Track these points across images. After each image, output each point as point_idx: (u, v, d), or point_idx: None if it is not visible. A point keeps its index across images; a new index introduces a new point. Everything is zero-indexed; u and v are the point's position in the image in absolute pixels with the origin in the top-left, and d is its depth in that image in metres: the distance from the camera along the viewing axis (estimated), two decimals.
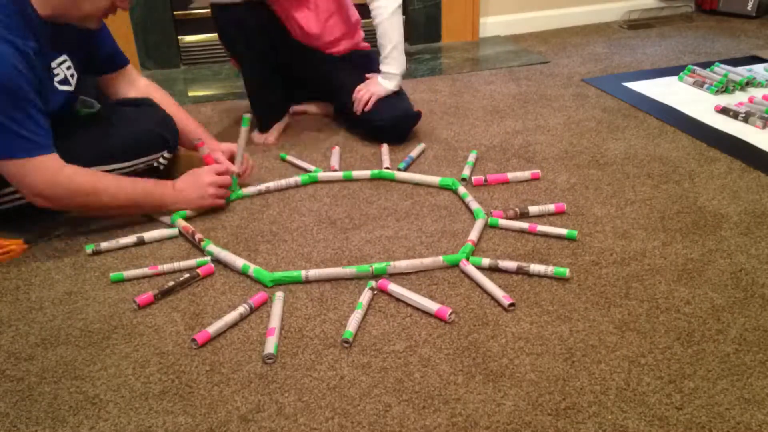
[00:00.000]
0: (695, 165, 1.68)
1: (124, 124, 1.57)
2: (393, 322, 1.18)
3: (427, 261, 1.32)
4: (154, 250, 1.42)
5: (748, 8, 2.94)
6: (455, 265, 1.32)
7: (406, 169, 1.70)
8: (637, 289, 1.24)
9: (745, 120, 1.90)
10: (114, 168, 1.52)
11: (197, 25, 2.61)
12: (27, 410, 1.03)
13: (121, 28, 2.47)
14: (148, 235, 1.45)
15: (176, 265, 1.35)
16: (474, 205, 1.50)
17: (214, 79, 2.52)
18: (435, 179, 1.64)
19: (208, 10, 2.58)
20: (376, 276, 1.29)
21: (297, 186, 1.68)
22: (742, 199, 1.52)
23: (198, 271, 1.31)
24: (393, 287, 1.24)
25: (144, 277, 1.33)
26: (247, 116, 1.62)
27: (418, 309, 1.21)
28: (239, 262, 1.33)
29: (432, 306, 1.19)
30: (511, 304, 1.19)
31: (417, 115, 1.89)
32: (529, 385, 1.03)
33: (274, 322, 1.17)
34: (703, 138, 1.83)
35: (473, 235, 1.39)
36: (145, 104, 1.64)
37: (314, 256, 1.38)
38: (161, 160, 1.61)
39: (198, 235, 1.42)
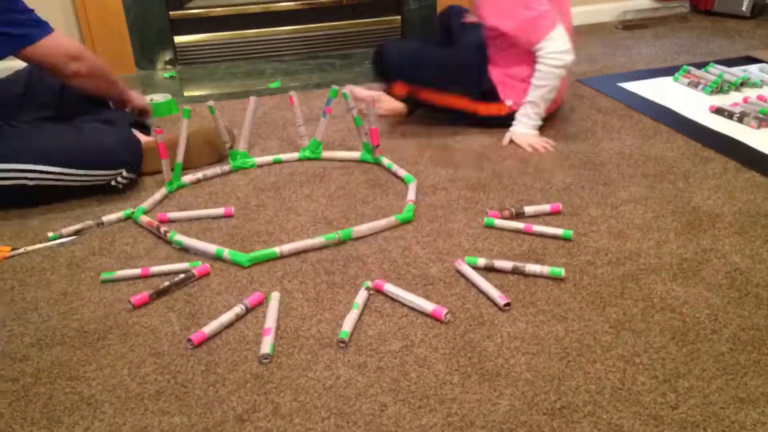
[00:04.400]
0: (690, 165, 1.69)
1: (87, 134, 1.61)
2: (389, 322, 1.18)
3: (383, 222, 1.46)
4: (149, 249, 1.42)
5: (743, 9, 2.95)
6: (408, 222, 1.48)
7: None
8: (632, 288, 1.24)
9: (740, 120, 1.91)
10: (65, 173, 1.55)
11: (193, 25, 2.61)
12: (22, 411, 1.02)
13: (116, 28, 2.47)
14: (107, 218, 1.52)
15: (166, 267, 1.35)
16: (402, 172, 1.68)
17: (209, 79, 2.52)
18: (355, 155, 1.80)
19: (204, 10, 2.60)
20: (342, 242, 1.42)
21: (230, 172, 1.76)
22: (736, 199, 1.53)
23: (194, 271, 1.31)
24: (389, 287, 1.24)
25: (134, 278, 1.33)
26: (211, 104, 1.69)
27: (413, 309, 1.21)
28: (212, 248, 1.36)
29: (428, 306, 1.19)
30: (507, 304, 1.19)
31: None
32: (525, 384, 1.04)
33: (270, 322, 1.17)
34: (698, 138, 1.83)
35: (410, 195, 1.57)
36: (116, 122, 1.70)
37: (310, 256, 1.38)
38: (119, 179, 1.63)
39: (163, 228, 1.44)
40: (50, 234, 1.46)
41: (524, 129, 1.86)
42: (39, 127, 1.62)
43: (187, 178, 1.71)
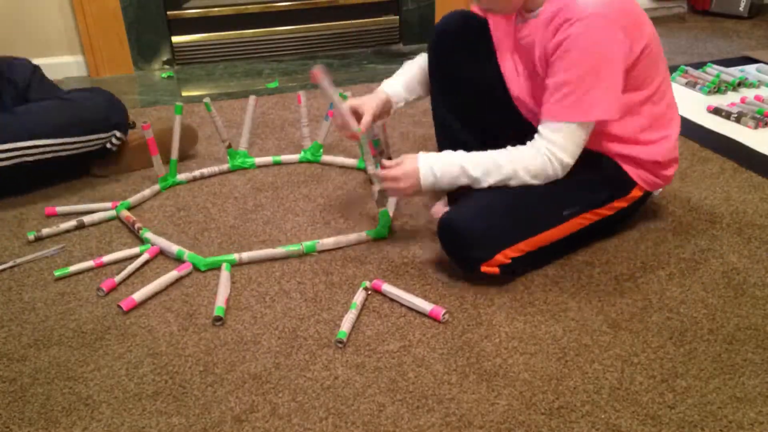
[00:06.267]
0: (687, 165, 1.69)
1: (75, 102, 1.65)
2: (387, 322, 1.18)
3: (353, 236, 1.40)
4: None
5: (741, 9, 2.95)
6: (383, 238, 1.41)
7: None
8: (630, 288, 1.24)
9: (738, 120, 1.91)
10: (63, 143, 1.59)
11: (190, 25, 2.60)
12: (20, 411, 1.02)
13: (114, 28, 2.47)
14: (88, 218, 1.51)
15: (120, 254, 1.37)
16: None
17: (207, 79, 2.52)
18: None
19: (202, 10, 2.60)
20: (306, 254, 1.37)
21: (228, 171, 1.75)
22: (734, 199, 1.53)
23: (147, 254, 1.36)
24: (387, 287, 1.24)
25: (89, 270, 1.34)
26: (208, 101, 1.69)
27: (412, 309, 1.21)
28: (174, 248, 1.38)
29: (426, 306, 1.19)
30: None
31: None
32: (523, 384, 1.04)
33: (221, 290, 1.23)
34: (696, 138, 1.83)
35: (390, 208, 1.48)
36: (95, 90, 1.73)
37: (309, 255, 1.38)
38: (113, 140, 1.67)
39: (137, 224, 1.46)
40: (29, 232, 1.46)
41: (424, 170, 1.25)
42: (25, 106, 1.63)
43: (183, 176, 1.71)
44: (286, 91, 2.30)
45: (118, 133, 1.67)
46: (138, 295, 1.24)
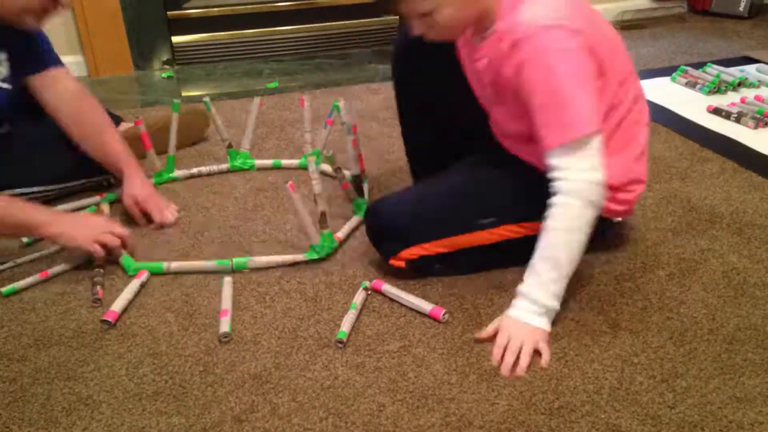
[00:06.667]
0: (687, 165, 1.69)
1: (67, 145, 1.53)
2: (387, 322, 1.18)
3: (288, 258, 1.35)
4: (145, 251, 1.42)
5: (740, 9, 2.95)
6: (321, 259, 1.35)
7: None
8: (630, 288, 1.24)
9: (738, 120, 1.91)
10: (58, 187, 1.55)
11: (190, 25, 2.60)
12: (20, 411, 1.02)
13: (114, 28, 2.47)
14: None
15: (65, 265, 1.35)
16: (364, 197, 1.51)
17: (207, 79, 2.52)
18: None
19: (202, 10, 2.60)
20: (235, 271, 1.32)
21: (227, 171, 1.74)
22: (734, 198, 1.53)
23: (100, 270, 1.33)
24: (387, 287, 1.24)
25: (36, 284, 1.31)
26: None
27: (412, 309, 1.21)
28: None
29: (426, 306, 1.19)
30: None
31: None
32: (523, 384, 1.04)
33: (226, 304, 1.20)
34: (696, 138, 1.83)
35: (342, 231, 1.42)
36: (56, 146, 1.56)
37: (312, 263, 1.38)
38: (112, 180, 1.60)
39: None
40: (25, 239, 1.43)
41: (526, 317, 1.10)
42: (31, 149, 1.54)
43: (180, 173, 1.70)
44: (286, 91, 2.30)
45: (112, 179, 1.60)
46: (118, 306, 1.21)
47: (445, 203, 1.24)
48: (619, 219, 1.21)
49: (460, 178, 1.28)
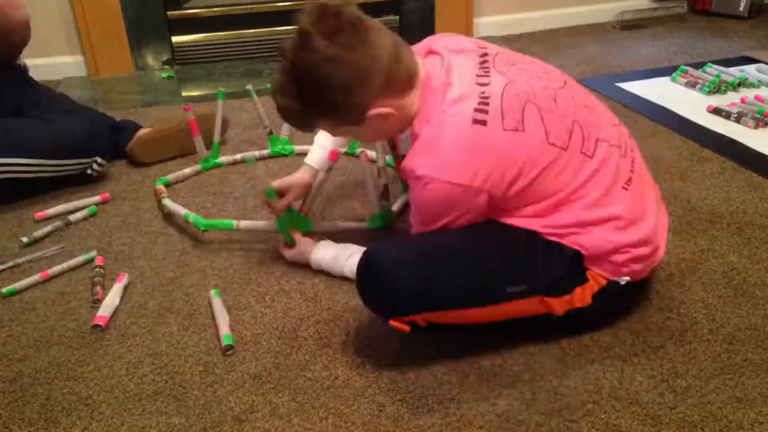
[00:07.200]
0: (687, 165, 1.69)
1: (58, 124, 1.61)
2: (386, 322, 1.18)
3: (352, 223, 1.42)
4: (146, 248, 1.42)
5: (740, 9, 2.95)
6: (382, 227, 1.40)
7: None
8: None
9: (737, 120, 1.91)
10: (41, 164, 1.56)
11: (190, 25, 2.60)
12: (20, 411, 1.02)
13: (114, 28, 2.47)
14: (74, 216, 1.53)
15: (65, 265, 1.35)
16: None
17: (207, 79, 2.52)
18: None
19: (202, 10, 2.60)
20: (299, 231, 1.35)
21: (269, 157, 1.80)
22: (734, 198, 1.53)
23: (98, 262, 1.35)
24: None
25: (36, 284, 1.31)
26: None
27: None
28: (182, 210, 1.47)
29: None
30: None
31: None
32: (523, 384, 1.04)
33: (220, 319, 1.18)
34: (696, 138, 1.83)
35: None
36: (80, 113, 1.69)
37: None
38: (95, 166, 1.65)
39: (162, 194, 1.56)
40: (25, 239, 1.44)
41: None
42: (6, 122, 1.59)
43: (224, 158, 1.77)
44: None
45: (99, 159, 1.65)
46: (105, 311, 1.21)
47: (476, 264, 1.05)
48: (627, 278, 1.10)
49: (460, 233, 1.06)
